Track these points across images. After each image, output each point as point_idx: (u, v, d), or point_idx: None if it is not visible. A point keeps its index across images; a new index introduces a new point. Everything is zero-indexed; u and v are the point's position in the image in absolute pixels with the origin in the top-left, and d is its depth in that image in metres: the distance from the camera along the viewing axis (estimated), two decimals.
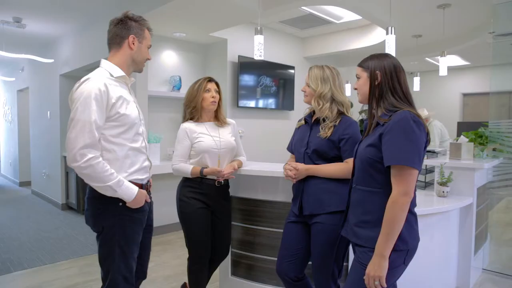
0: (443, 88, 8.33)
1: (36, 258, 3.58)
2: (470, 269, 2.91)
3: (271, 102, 5.32)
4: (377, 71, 1.49)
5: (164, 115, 4.50)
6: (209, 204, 2.24)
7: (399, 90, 1.48)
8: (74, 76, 5.65)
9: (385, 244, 1.35)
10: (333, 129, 1.84)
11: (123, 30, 1.70)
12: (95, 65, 4.84)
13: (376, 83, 1.49)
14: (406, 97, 1.48)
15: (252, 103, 5.06)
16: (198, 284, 2.30)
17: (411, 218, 1.44)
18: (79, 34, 5.01)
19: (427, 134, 1.42)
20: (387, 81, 1.47)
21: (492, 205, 3.64)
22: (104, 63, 1.71)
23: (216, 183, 2.23)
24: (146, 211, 1.76)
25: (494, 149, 3.37)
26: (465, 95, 8.44)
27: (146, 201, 1.74)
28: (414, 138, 1.36)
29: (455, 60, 7.28)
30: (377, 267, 1.36)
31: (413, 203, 1.43)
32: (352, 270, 1.50)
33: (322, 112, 1.88)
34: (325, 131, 1.85)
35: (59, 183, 5.73)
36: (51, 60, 5.58)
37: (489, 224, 3.51)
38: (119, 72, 1.69)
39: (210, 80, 2.29)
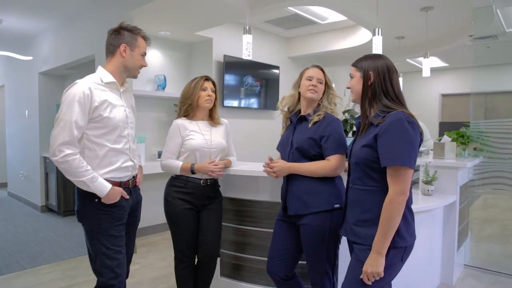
0: (423, 89, 8.54)
1: (16, 263, 3.46)
2: (453, 265, 2.99)
3: (256, 101, 5.32)
4: (370, 71, 1.51)
5: (148, 114, 4.42)
6: (195, 203, 2.21)
7: (391, 91, 1.50)
8: (54, 75, 5.50)
9: (382, 242, 1.38)
10: (316, 126, 1.86)
11: (115, 40, 1.83)
12: (76, 63, 4.80)
13: (369, 83, 1.51)
14: (398, 98, 1.51)
15: (237, 103, 5.04)
16: (185, 284, 2.28)
17: (409, 215, 1.47)
18: (60, 31, 4.87)
19: (421, 134, 1.45)
20: (379, 81, 1.50)
21: (472, 203, 3.76)
22: (99, 69, 1.85)
23: (202, 182, 2.21)
24: (123, 206, 1.85)
25: (475, 149, 3.47)
26: (444, 95, 8.68)
27: (124, 198, 1.83)
28: (409, 139, 1.39)
29: (434, 61, 7.47)
30: (375, 264, 1.38)
31: (409, 200, 1.46)
32: (351, 268, 1.52)
33: (327, 109, 1.94)
34: (313, 118, 1.90)
35: (38, 184, 5.56)
36: (30, 58, 5.40)
37: (469, 221, 3.62)
38: (109, 78, 1.82)
39: (207, 79, 2.28)
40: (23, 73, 5.95)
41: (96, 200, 1.75)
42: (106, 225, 1.78)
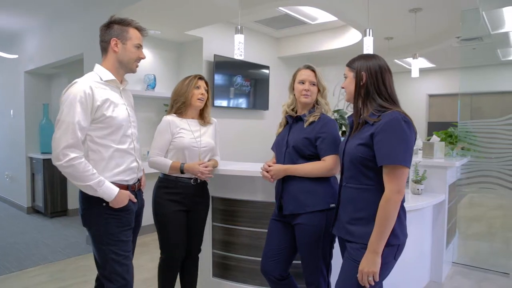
0: (410, 89, 8.65)
1: (1, 266, 3.38)
2: (442, 263, 3.03)
3: (246, 101, 5.31)
4: (362, 72, 1.53)
5: (138, 114, 4.26)
6: (185, 203, 2.20)
7: (384, 91, 1.51)
8: (41, 74, 5.40)
9: (378, 241, 1.38)
10: (312, 126, 1.88)
11: (106, 35, 1.76)
12: (63, 62, 4.71)
13: (362, 83, 1.53)
14: (391, 98, 1.52)
15: (227, 103, 5.03)
16: (167, 283, 2.28)
17: (402, 213, 1.48)
18: (47, 30, 4.77)
19: (415, 133, 1.47)
20: (372, 81, 1.51)
21: (459, 201, 3.82)
22: (97, 67, 1.78)
23: (192, 181, 2.20)
24: (131, 210, 1.79)
25: (462, 148, 3.53)
26: (430, 96, 8.81)
27: (132, 201, 1.78)
28: (406, 138, 1.40)
29: (421, 62, 7.58)
30: (371, 263, 1.39)
31: (402, 199, 1.47)
32: (345, 267, 1.53)
33: (325, 109, 1.97)
34: (308, 119, 1.91)
35: (24, 185, 5.44)
36: (15, 56, 5.29)
37: (457, 219, 3.68)
38: (108, 76, 1.75)
39: (201, 77, 2.27)
40: (7, 72, 5.83)
41: (104, 204, 1.69)
42: (115, 230, 1.71)
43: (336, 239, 1.78)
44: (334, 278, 1.65)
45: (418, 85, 8.55)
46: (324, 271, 1.87)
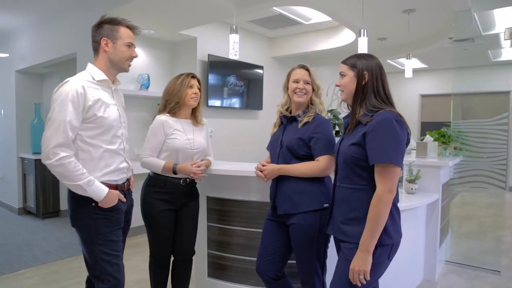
0: (402, 90, 8.70)
1: None
2: (435, 262, 3.06)
3: (240, 101, 5.31)
4: (365, 72, 1.51)
5: (131, 114, 4.34)
6: (174, 203, 2.20)
7: (382, 92, 1.51)
8: (32, 73, 5.34)
9: (370, 240, 1.39)
10: (306, 126, 1.88)
11: (96, 35, 1.76)
12: (55, 62, 4.66)
13: (363, 83, 1.52)
14: (388, 99, 1.53)
15: (221, 102, 5.02)
16: (158, 282, 2.28)
17: (395, 213, 1.49)
18: (39, 28, 4.72)
19: (408, 133, 1.48)
20: (372, 82, 1.51)
21: (451, 201, 3.86)
22: (89, 66, 1.77)
23: (181, 181, 2.19)
24: (120, 210, 1.79)
25: (455, 148, 3.57)
26: (423, 96, 8.89)
27: (121, 201, 1.79)
28: (397, 137, 1.41)
29: (413, 62, 7.63)
30: (362, 262, 1.39)
31: (396, 198, 1.47)
32: (339, 267, 1.53)
33: (319, 109, 1.97)
34: (302, 119, 1.90)
35: (15, 186, 5.38)
36: (6, 55, 5.23)
37: (450, 218, 3.72)
38: (101, 75, 1.74)
39: (193, 76, 2.24)
40: None
41: (93, 204, 1.68)
42: (104, 230, 1.71)
43: (332, 239, 1.79)
44: (329, 278, 1.66)
45: (410, 85, 8.61)
46: (319, 271, 1.87)
